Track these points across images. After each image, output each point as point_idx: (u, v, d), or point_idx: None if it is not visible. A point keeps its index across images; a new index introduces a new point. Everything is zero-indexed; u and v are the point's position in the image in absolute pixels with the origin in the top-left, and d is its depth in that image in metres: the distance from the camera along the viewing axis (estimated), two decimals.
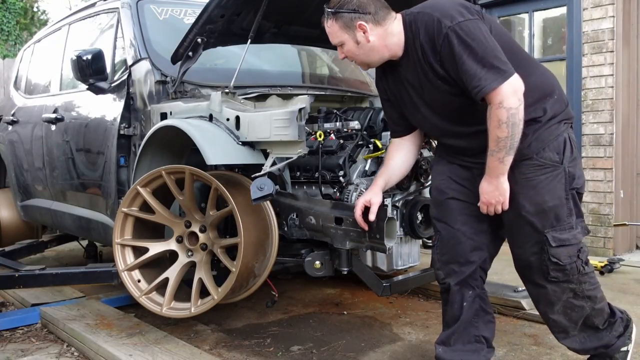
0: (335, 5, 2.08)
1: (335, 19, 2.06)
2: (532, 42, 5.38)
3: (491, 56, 1.85)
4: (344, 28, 2.06)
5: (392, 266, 2.72)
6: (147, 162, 2.80)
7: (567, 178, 2.01)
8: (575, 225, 2.04)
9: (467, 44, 1.86)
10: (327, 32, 2.13)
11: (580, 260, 2.05)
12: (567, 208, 2.02)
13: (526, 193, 2.00)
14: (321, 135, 2.63)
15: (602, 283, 3.42)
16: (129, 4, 3.39)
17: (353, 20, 2.03)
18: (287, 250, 2.66)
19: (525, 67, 1.99)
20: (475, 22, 1.89)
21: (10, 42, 13.63)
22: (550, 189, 2.00)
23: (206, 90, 2.98)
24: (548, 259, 2.02)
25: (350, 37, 2.06)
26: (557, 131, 2.01)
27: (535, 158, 1.99)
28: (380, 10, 2.04)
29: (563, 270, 2.03)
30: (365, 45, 2.05)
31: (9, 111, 4.56)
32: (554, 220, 2.01)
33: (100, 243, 4.24)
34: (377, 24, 2.03)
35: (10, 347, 2.87)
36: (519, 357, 2.60)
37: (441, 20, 1.89)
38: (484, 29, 1.89)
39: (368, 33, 2.03)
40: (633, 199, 4.95)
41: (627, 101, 4.81)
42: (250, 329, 3.05)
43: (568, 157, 2.01)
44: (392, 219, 2.24)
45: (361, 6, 2.03)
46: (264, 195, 2.19)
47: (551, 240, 2.01)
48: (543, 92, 2.01)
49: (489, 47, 1.86)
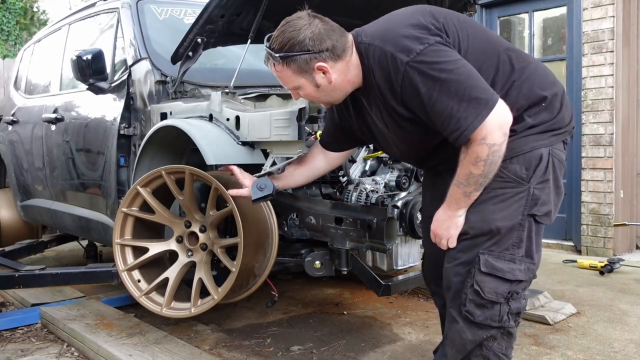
0: (282, 47, 1.66)
1: (285, 64, 1.68)
2: (532, 42, 5.39)
3: (467, 85, 1.52)
4: (299, 72, 1.69)
5: (392, 266, 2.72)
6: (147, 162, 2.80)
7: (529, 200, 1.65)
8: (519, 261, 1.67)
9: (434, 78, 1.53)
10: (277, 77, 1.76)
11: (508, 307, 1.67)
12: (517, 237, 1.66)
13: (476, 205, 1.67)
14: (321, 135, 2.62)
15: (602, 283, 3.42)
16: (129, 4, 3.39)
17: (309, 63, 1.66)
18: (287, 250, 2.66)
19: (514, 71, 1.68)
20: (438, 46, 1.56)
21: (10, 42, 13.63)
22: (503, 207, 1.65)
23: (206, 90, 2.98)
24: (470, 286, 1.67)
25: (307, 81, 1.71)
26: (534, 143, 1.65)
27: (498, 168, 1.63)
28: (338, 42, 1.66)
29: (482, 308, 1.67)
30: (327, 86, 1.71)
31: (9, 111, 4.56)
32: (494, 243, 1.66)
33: (100, 243, 4.24)
34: (337, 59, 1.66)
35: (10, 347, 2.87)
36: (519, 357, 2.60)
37: (395, 56, 1.57)
38: (450, 51, 1.57)
39: (329, 73, 1.67)
40: (633, 199, 4.95)
41: (627, 101, 4.81)
42: (250, 329, 3.05)
43: (539, 176, 1.65)
44: (392, 219, 2.24)
45: (316, 43, 1.64)
46: (264, 195, 2.19)
47: (482, 264, 1.66)
48: (529, 101, 1.67)
49: (462, 73, 1.53)
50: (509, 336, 1.72)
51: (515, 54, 1.71)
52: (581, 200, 4.85)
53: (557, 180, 1.72)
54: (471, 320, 1.70)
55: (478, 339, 1.70)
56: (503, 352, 1.72)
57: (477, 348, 1.72)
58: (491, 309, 1.68)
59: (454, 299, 1.74)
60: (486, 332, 1.69)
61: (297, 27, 1.66)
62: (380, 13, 1.97)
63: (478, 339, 1.70)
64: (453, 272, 1.73)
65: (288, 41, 1.65)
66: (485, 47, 1.67)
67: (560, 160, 1.71)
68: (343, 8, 2.85)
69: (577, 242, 4.93)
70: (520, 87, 1.66)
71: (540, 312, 3.08)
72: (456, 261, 1.73)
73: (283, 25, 1.70)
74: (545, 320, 3.02)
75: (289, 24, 1.68)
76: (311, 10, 1.72)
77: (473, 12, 3.12)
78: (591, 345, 2.73)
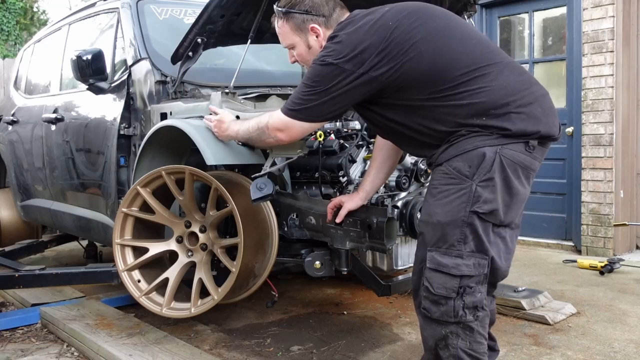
0: (286, 4, 1.93)
1: (286, 20, 1.94)
2: (532, 42, 5.39)
3: (308, 91, 1.80)
4: (295, 30, 1.94)
5: (392, 266, 2.72)
6: (147, 162, 2.80)
7: (471, 197, 1.69)
8: (466, 257, 1.71)
9: (306, 78, 1.81)
10: (277, 33, 2.01)
11: (462, 302, 1.72)
12: (461, 232, 1.70)
13: (427, 201, 1.81)
14: (321, 135, 2.62)
15: (602, 283, 3.42)
16: (129, 4, 3.39)
17: (305, 23, 1.91)
18: (287, 250, 2.66)
19: (467, 86, 1.72)
20: (337, 69, 1.73)
21: (10, 42, 13.63)
22: (445, 203, 1.72)
23: (206, 90, 2.98)
24: (422, 283, 1.77)
25: (301, 40, 1.95)
26: (480, 142, 1.70)
27: (445, 165, 1.75)
28: (334, 12, 1.91)
29: (436, 304, 1.74)
30: (317, 50, 1.91)
31: (9, 111, 4.56)
32: (439, 239, 1.73)
33: (100, 243, 4.24)
34: (329, 27, 1.89)
35: (10, 347, 2.87)
36: (519, 357, 2.60)
37: (321, 53, 1.80)
38: (335, 80, 1.74)
39: (321, 37, 1.90)
40: (633, 199, 4.95)
41: (627, 101, 4.81)
42: (250, 329, 3.05)
43: (482, 174, 1.69)
44: (392, 219, 2.23)
45: (314, 7, 1.90)
46: (263, 195, 2.19)
47: (429, 260, 1.74)
48: (476, 111, 1.71)
49: (314, 92, 1.78)
50: (471, 331, 1.74)
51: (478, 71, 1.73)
52: (581, 200, 4.85)
53: (508, 180, 1.71)
54: (429, 317, 1.78)
55: (438, 335, 1.76)
56: (470, 348, 1.75)
57: (444, 349, 1.76)
58: (445, 304, 1.73)
59: (415, 297, 1.85)
60: (445, 328, 1.75)
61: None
62: None
63: (438, 335, 1.76)
64: (413, 271, 1.86)
65: (291, 0, 1.92)
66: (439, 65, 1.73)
67: (515, 161, 1.71)
68: None
69: (577, 242, 4.93)
70: (467, 97, 1.71)
71: (540, 312, 3.08)
72: (415, 258, 1.86)
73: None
74: (545, 320, 3.02)
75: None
76: None
77: (473, 12, 3.12)
78: (591, 345, 2.73)
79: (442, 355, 1.78)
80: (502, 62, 1.79)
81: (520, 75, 1.80)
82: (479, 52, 1.77)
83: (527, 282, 3.74)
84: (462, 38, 1.79)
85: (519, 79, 1.78)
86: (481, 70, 1.73)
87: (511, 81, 1.75)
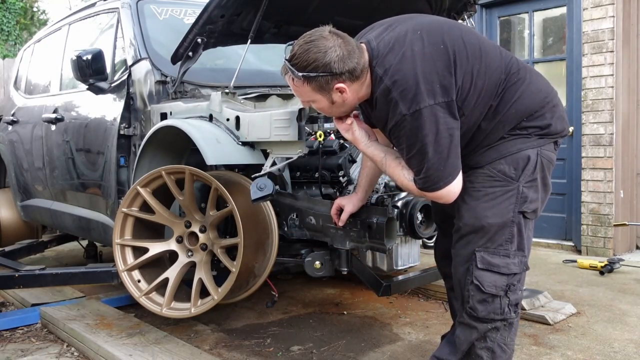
0: (306, 67, 1.66)
1: (306, 82, 1.70)
2: (532, 42, 5.39)
3: (438, 158, 1.66)
4: (318, 90, 1.72)
5: (392, 266, 2.72)
6: (147, 162, 2.80)
7: (518, 198, 1.76)
8: (512, 256, 1.79)
9: (418, 139, 1.65)
10: (292, 89, 1.80)
11: (507, 299, 1.79)
12: (509, 232, 1.77)
13: (469, 203, 1.79)
14: (321, 135, 2.62)
15: (602, 283, 3.42)
16: (129, 4, 3.39)
17: (330, 83, 1.69)
18: (287, 250, 2.66)
19: (508, 95, 1.77)
20: (436, 108, 1.63)
21: (10, 42, 13.63)
22: (493, 205, 1.76)
23: (206, 90, 2.99)
24: (471, 282, 1.79)
25: (324, 97, 1.74)
26: (522, 145, 1.77)
27: (487, 167, 1.78)
28: (358, 64, 1.69)
29: (484, 303, 1.79)
30: (341, 103, 1.76)
31: (9, 111, 4.57)
32: (488, 240, 1.78)
33: (100, 243, 4.24)
34: (354, 80, 1.71)
35: (10, 347, 2.87)
36: (519, 357, 2.60)
37: (398, 103, 1.65)
38: (443, 117, 1.64)
39: (346, 93, 1.72)
40: (633, 199, 4.95)
41: (627, 101, 4.81)
42: (250, 329, 3.05)
43: (527, 175, 1.77)
44: (392, 219, 2.24)
45: (340, 65, 1.66)
46: (263, 195, 2.19)
47: (478, 261, 1.78)
48: (521, 116, 1.78)
49: (442, 144, 1.65)
50: (510, 326, 1.84)
51: (513, 78, 1.79)
52: (581, 200, 4.85)
53: (545, 178, 1.83)
54: (475, 316, 1.82)
55: (482, 331, 1.83)
56: (505, 343, 1.84)
57: (481, 340, 1.84)
58: (492, 303, 1.80)
59: (460, 294, 1.88)
60: (490, 324, 1.82)
61: (322, 49, 1.66)
62: (380, 13, 1.97)
63: (482, 331, 1.83)
64: (455, 269, 1.87)
65: (313, 62, 1.66)
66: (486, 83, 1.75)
67: (550, 160, 1.82)
68: (343, 8, 2.85)
69: (577, 242, 4.93)
70: (518, 104, 1.77)
71: (540, 312, 3.08)
72: (458, 258, 1.86)
73: (308, 44, 1.68)
74: (545, 320, 3.02)
75: (313, 44, 1.67)
76: (332, 27, 1.72)
77: (473, 12, 3.12)
78: (591, 345, 2.73)
79: (476, 345, 1.85)
80: (525, 66, 1.85)
81: (543, 77, 1.88)
82: (506, 60, 1.81)
83: (527, 282, 3.72)
84: (490, 50, 1.79)
85: (544, 81, 1.86)
86: (514, 77, 1.79)
87: (541, 84, 1.83)
